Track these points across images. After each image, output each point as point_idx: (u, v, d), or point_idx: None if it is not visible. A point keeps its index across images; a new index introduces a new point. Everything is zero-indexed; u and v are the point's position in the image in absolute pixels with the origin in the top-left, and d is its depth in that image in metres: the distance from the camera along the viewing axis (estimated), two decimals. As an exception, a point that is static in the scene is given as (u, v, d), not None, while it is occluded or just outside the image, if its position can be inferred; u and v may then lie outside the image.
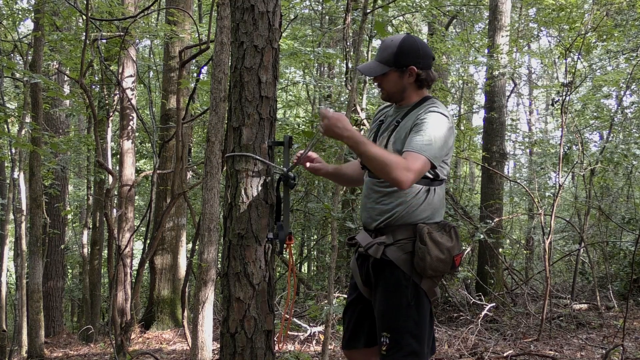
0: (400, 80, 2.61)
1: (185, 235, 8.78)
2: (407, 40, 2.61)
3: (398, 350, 2.49)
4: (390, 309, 2.53)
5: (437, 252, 2.47)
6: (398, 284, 2.53)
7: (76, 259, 14.68)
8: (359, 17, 6.99)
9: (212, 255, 4.06)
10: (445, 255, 2.50)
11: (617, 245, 9.19)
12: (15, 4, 9.89)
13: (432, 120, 2.48)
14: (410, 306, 2.51)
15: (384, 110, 2.80)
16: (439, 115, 2.50)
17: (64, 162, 10.96)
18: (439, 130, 2.46)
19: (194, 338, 4.14)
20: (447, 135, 2.49)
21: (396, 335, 2.50)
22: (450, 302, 8.28)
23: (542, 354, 5.42)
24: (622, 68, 9.80)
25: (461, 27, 14.15)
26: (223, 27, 4.04)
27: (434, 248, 2.47)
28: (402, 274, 2.53)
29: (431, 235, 2.48)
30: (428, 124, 2.46)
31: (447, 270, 2.55)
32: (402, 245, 2.54)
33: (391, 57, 2.58)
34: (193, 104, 7.69)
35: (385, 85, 2.63)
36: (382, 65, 2.60)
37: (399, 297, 2.52)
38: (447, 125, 2.51)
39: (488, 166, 8.84)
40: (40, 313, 7.19)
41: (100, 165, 6.43)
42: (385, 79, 2.62)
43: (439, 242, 2.49)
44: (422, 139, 2.42)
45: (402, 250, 2.53)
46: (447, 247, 2.50)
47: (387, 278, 2.56)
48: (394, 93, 2.64)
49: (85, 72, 5.88)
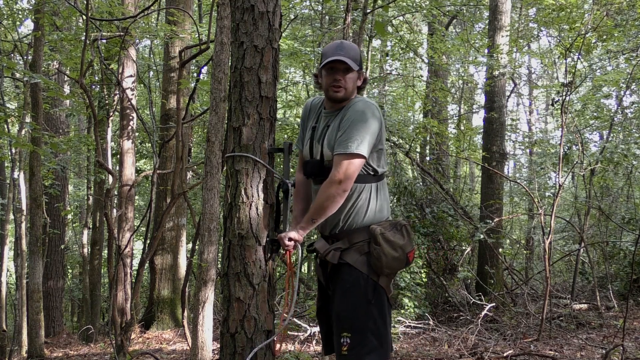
0: (356, 82, 2.68)
1: (185, 235, 8.78)
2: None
3: (361, 348, 2.53)
4: (349, 309, 2.58)
5: (391, 251, 2.57)
6: (357, 284, 2.58)
7: (76, 259, 14.68)
8: (359, 17, 6.99)
9: (212, 255, 4.06)
10: (399, 253, 2.59)
11: (617, 245, 9.18)
12: (15, 4, 9.89)
13: (353, 114, 2.56)
14: (371, 304, 2.56)
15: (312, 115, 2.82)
16: (359, 108, 2.57)
17: (64, 162, 10.95)
18: (363, 121, 2.53)
19: (194, 338, 4.14)
20: (371, 124, 2.54)
21: (357, 334, 2.54)
22: (450, 302, 8.29)
23: (542, 354, 5.42)
24: (622, 68, 9.79)
25: (461, 27, 14.15)
26: (223, 27, 4.04)
27: (388, 247, 2.57)
28: (360, 274, 2.58)
29: (384, 236, 2.58)
30: (350, 119, 2.55)
31: (402, 266, 2.65)
32: (358, 248, 2.61)
33: (358, 58, 2.66)
34: (193, 104, 7.70)
35: (347, 83, 2.64)
36: (354, 62, 2.64)
37: (358, 296, 2.57)
38: (369, 115, 2.56)
39: (488, 166, 8.84)
40: (40, 313, 7.18)
41: (100, 165, 6.43)
42: (349, 76, 2.64)
43: (392, 242, 2.58)
44: (346, 136, 2.52)
45: (358, 253, 2.61)
46: (400, 245, 2.60)
47: (345, 279, 2.61)
48: (349, 92, 2.66)
49: (85, 72, 5.88)
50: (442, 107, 12.41)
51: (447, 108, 13.70)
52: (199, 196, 11.43)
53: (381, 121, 2.60)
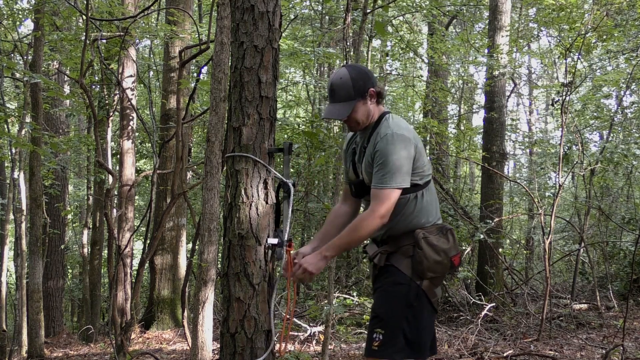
0: (365, 106, 2.71)
1: (185, 235, 8.78)
2: (353, 69, 2.73)
3: (390, 346, 2.59)
4: (386, 307, 2.65)
5: (434, 254, 2.63)
6: (398, 284, 2.65)
7: (76, 259, 14.67)
8: (359, 17, 6.99)
9: (212, 255, 4.06)
10: (442, 257, 2.64)
11: (617, 245, 9.18)
12: (15, 4, 9.89)
13: (385, 146, 2.60)
14: (410, 306, 2.62)
15: (352, 140, 2.91)
16: (391, 137, 2.60)
17: (64, 162, 10.95)
18: (396, 153, 2.58)
19: (194, 338, 4.14)
20: (400, 154, 2.59)
21: (390, 332, 2.60)
22: (450, 302, 8.29)
23: (542, 354, 5.42)
24: (622, 68, 9.79)
25: (461, 27, 14.15)
26: (223, 27, 4.04)
27: (431, 251, 2.63)
28: (403, 276, 2.65)
29: (427, 240, 2.63)
30: (383, 152, 2.60)
31: (446, 271, 2.70)
32: (403, 251, 2.67)
33: (351, 91, 2.68)
34: (193, 104, 7.69)
35: (355, 118, 2.71)
36: (347, 103, 2.68)
37: (398, 297, 2.64)
38: (402, 142, 2.60)
39: (488, 166, 8.84)
40: (40, 313, 7.18)
41: (100, 165, 6.43)
42: (353, 113, 2.70)
43: (435, 246, 2.64)
44: (382, 171, 2.58)
45: (403, 256, 2.67)
46: (443, 249, 2.65)
47: (388, 280, 2.69)
48: (363, 121, 2.73)
49: (85, 72, 5.88)
50: (442, 107, 12.41)
51: (447, 108, 13.70)
52: (199, 196, 11.43)
53: (413, 142, 2.63)
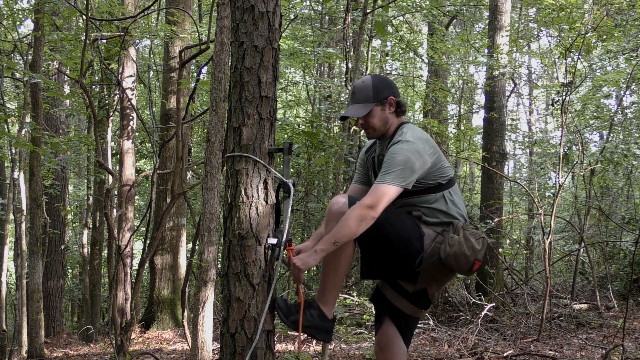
0: (383, 113, 2.82)
1: (185, 235, 8.78)
2: (377, 77, 2.90)
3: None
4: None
5: (464, 245, 2.68)
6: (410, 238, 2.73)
7: (76, 259, 14.67)
8: (359, 17, 7.00)
9: (212, 255, 4.06)
10: (470, 252, 2.68)
11: (617, 245, 9.18)
12: (15, 4, 9.89)
13: (395, 152, 2.68)
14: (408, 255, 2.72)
15: (371, 149, 3.00)
16: (402, 145, 2.69)
17: (64, 162, 10.96)
18: (402, 155, 2.66)
19: (194, 338, 4.14)
20: (412, 157, 2.67)
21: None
22: (450, 302, 8.28)
23: (542, 354, 5.42)
24: (622, 68, 9.79)
25: (461, 27, 14.15)
26: (223, 27, 4.04)
27: (463, 241, 2.68)
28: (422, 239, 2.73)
29: (464, 231, 2.71)
30: (391, 153, 2.69)
31: (463, 270, 2.74)
32: (434, 227, 2.76)
33: (370, 93, 2.79)
34: (193, 104, 7.69)
35: (371, 122, 2.81)
36: (365, 105, 2.79)
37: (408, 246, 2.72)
38: (413, 149, 2.69)
39: (488, 166, 8.84)
40: (40, 313, 7.18)
41: (100, 165, 6.43)
42: (370, 116, 2.80)
43: (468, 240, 2.70)
44: (384, 170, 2.66)
45: (432, 229, 2.75)
46: (473, 247, 2.69)
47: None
48: (379, 127, 2.83)
49: (85, 72, 5.88)
50: (442, 107, 12.41)
51: (447, 108, 13.70)
52: (199, 196, 11.43)
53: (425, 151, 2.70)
